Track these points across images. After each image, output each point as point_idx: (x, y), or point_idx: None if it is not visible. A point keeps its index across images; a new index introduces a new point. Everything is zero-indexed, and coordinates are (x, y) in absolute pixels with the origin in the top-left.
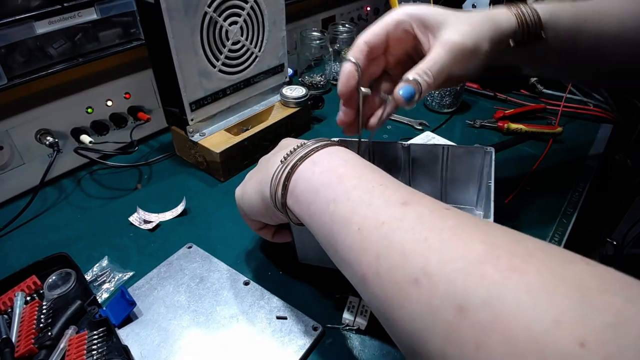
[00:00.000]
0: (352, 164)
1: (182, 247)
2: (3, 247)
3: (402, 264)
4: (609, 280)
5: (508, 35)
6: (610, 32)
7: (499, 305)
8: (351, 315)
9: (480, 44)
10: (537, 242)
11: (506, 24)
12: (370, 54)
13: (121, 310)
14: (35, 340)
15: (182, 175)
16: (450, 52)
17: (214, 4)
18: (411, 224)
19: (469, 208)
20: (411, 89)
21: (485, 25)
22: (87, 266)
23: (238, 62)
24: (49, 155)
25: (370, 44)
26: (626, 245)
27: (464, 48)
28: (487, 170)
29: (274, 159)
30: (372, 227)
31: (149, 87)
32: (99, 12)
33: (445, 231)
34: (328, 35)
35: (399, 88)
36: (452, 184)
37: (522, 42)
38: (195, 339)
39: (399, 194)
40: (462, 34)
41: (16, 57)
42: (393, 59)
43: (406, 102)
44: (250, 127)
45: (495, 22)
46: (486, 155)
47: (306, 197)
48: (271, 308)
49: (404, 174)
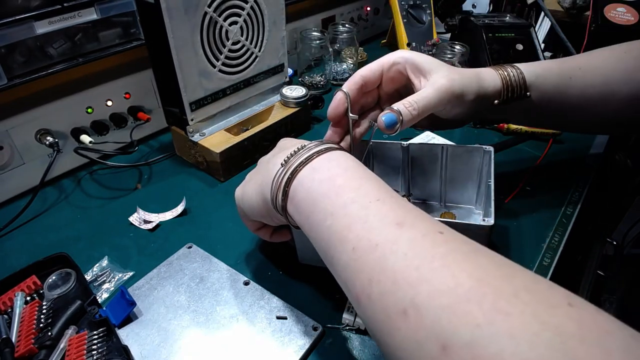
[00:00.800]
0: (351, 173)
1: (182, 247)
2: (3, 247)
3: (393, 291)
4: (588, 327)
5: (492, 94)
6: (596, 88)
7: (480, 348)
8: (351, 315)
9: (466, 92)
10: (525, 278)
11: (491, 84)
12: (364, 87)
13: (121, 310)
14: (35, 340)
15: (182, 175)
16: (438, 92)
17: (214, 4)
18: (404, 249)
19: (468, 207)
20: (393, 117)
21: (473, 79)
22: (87, 266)
23: (238, 62)
24: (49, 155)
25: (365, 78)
26: (626, 245)
27: (451, 92)
28: (486, 169)
29: (275, 161)
30: (366, 249)
31: (149, 87)
32: (99, 12)
33: (435, 259)
34: (328, 36)
35: (383, 114)
36: (451, 183)
37: (507, 100)
38: (195, 339)
39: (394, 213)
40: (451, 80)
41: (16, 57)
42: (385, 94)
43: (386, 128)
44: (250, 127)
45: (481, 80)
46: (485, 155)
47: (305, 207)
48: (271, 308)
49: (404, 173)
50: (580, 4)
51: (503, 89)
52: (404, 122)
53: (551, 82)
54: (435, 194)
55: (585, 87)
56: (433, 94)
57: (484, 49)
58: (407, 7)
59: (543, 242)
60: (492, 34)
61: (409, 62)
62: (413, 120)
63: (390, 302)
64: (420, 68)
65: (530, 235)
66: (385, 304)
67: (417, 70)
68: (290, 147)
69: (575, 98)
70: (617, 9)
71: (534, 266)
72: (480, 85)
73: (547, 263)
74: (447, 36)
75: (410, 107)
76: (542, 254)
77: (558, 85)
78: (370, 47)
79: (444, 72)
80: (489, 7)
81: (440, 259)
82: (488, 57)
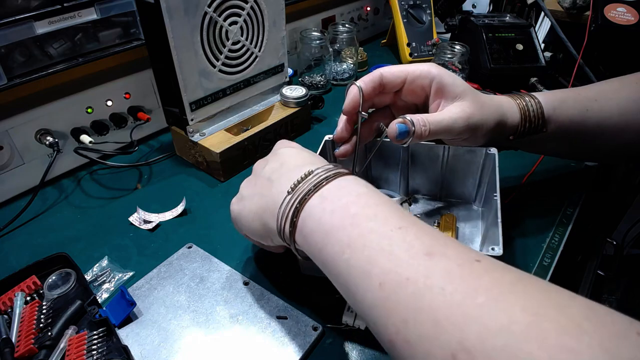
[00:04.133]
0: (365, 200)
1: (182, 247)
2: (3, 247)
3: (435, 334)
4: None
5: (509, 130)
6: (613, 119)
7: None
8: (351, 315)
9: (482, 127)
10: (581, 305)
11: (509, 120)
12: (381, 88)
13: (121, 310)
14: (35, 340)
15: (182, 175)
16: (453, 122)
17: (214, 4)
18: (440, 282)
19: (466, 204)
20: (406, 129)
21: (493, 114)
22: (87, 266)
23: (238, 62)
24: (49, 155)
25: (386, 80)
26: (626, 245)
27: (466, 125)
28: (488, 169)
29: (279, 186)
30: (395, 285)
31: (149, 87)
32: (99, 12)
33: (480, 293)
34: (328, 36)
35: (397, 122)
36: (451, 179)
37: (523, 134)
38: (195, 339)
39: (421, 242)
40: (470, 115)
41: (16, 57)
42: (401, 101)
43: (396, 138)
44: (250, 127)
45: (501, 115)
46: (488, 157)
47: (317, 239)
48: (271, 308)
49: (403, 171)
50: (580, 4)
51: (521, 124)
52: (414, 138)
53: (568, 115)
54: (433, 190)
55: (602, 119)
56: (448, 122)
57: (484, 49)
58: (407, 7)
59: (543, 242)
60: (492, 34)
61: (436, 81)
62: (421, 138)
63: (434, 347)
64: (445, 91)
65: (530, 236)
66: (428, 349)
67: (441, 91)
68: (293, 166)
69: (591, 130)
70: (617, 9)
71: (534, 266)
72: (498, 122)
73: (547, 263)
74: (447, 36)
75: (424, 127)
76: (542, 254)
77: (575, 117)
78: (370, 47)
79: (467, 103)
80: (488, 7)
81: (485, 293)
82: (488, 57)
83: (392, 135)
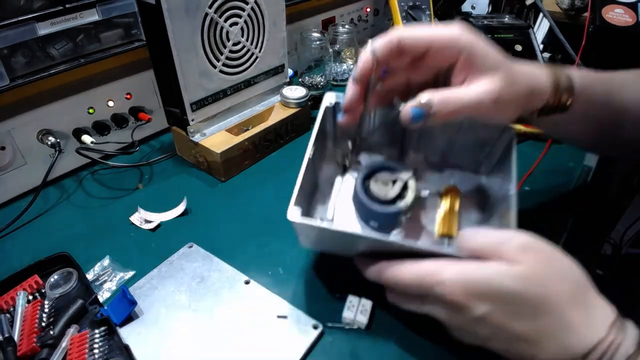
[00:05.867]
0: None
1: (183, 246)
2: (5, 246)
3: None
4: None
5: (537, 105)
6: (632, 105)
7: None
8: (351, 314)
9: (510, 104)
10: None
11: (540, 96)
12: (398, 53)
13: (122, 309)
14: (37, 339)
15: (183, 175)
16: (480, 100)
17: (214, 5)
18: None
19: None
20: (422, 112)
21: (525, 89)
22: (88, 266)
23: (238, 63)
24: (51, 155)
25: (405, 46)
26: (624, 244)
27: (494, 104)
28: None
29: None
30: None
31: (150, 88)
32: (100, 13)
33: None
34: (328, 36)
35: (412, 106)
36: (457, 150)
37: (548, 112)
38: (196, 338)
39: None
40: (501, 89)
41: (18, 58)
42: (420, 66)
43: (411, 121)
44: (250, 127)
45: (532, 91)
46: (505, 134)
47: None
48: (271, 307)
49: (405, 139)
50: (579, 5)
51: (550, 100)
52: (432, 120)
53: (595, 96)
54: (434, 160)
55: (624, 103)
56: (473, 102)
57: None
58: (406, 8)
59: None
60: (491, 34)
61: (465, 52)
62: (441, 118)
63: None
64: (474, 65)
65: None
66: None
67: (469, 65)
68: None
69: (611, 114)
70: (615, 10)
71: None
72: (528, 98)
73: None
74: None
75: (444, 108)
76: None
77: (600, 98)
78: None
79: (497, 78)
80: (488, 8)
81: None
82: None
83: (405, 118)
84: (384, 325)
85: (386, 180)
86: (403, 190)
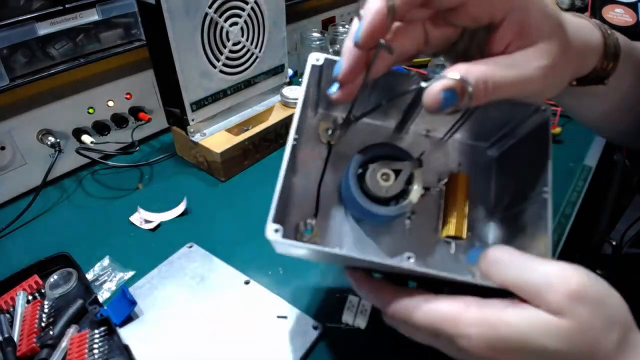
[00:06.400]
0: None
1: (183, 246)
2: (5, 246)
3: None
4: None
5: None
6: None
7: None
8: (351, 314)
9: (560, 79)
10: None
11: (589, 62)
12: (422, 3)
13: (122, 309)
14: (37, 339)
15: (183, 175)
16: (529, 77)
17: (214, 5)
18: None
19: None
20: (454, 96)
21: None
22: (88, 266)
23: (238, 63)
24: (51, 155)
25: None
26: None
27: (545, 79)
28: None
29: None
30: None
31: (149, 88)
32: (100, 13)
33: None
34: (328, 36)
35: (441, 87)
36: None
37: (585, 83)
38: (196, 338)
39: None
40: (555, 62)
41: (18, 58)
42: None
43: (439, 108)
44: (250, 127)
45: (584, 57)
46: (536, 115)
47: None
48: (271, 307)
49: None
50: (579, 4)
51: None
52: (466, 104)
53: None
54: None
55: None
56: (524, 78)
57: None
58: None
59: None
60: None
61: (516, 14)
62: (475, 101)
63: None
64: (525, 30)
65: None
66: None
67: (518, 29)
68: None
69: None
70: (615, 10)
71: None
72: (578, 68)
73: None
74: None
75: (485, 86)
76: None
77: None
78: None
79: (552, 48)
80: None
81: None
82: None
83: (431, 104)
84: (384, 325)
85: (386, 172)
86: (407, 184)
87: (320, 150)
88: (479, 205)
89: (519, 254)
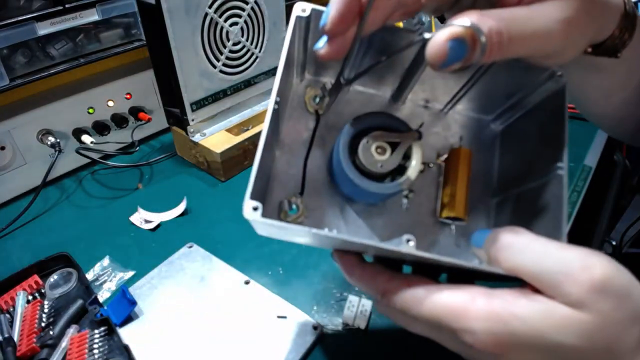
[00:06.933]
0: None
1: (183, 246)
2: (5, 246)
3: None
4: None
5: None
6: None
7: None
8: (351, 314)
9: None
10: None
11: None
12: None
13: (122, 309)
14: (37, 339)
15: (183, 175)
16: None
17: (214, 5)
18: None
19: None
20: (464, 48)
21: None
22: (88, 266)
23: (238, 63)
24: (51, 155)
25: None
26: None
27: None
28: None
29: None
30: None
31: (149, 88)
32: (100, 13)
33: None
34: None
35: (449, 36)
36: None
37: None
38: (196, 338)
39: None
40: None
41: (18, 58)
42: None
43: (444, 63)
44: (250, 127)
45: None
46: (551, 81)
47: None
48: (271, 307)
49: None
50: None
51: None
52: (478, 58)
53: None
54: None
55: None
56: (543, 31)
57: None
58: None
59: None
60: None
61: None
62: (489, 58)
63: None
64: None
65: None
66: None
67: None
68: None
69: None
70: None
71: None
72: (599, 29)
73: None
74: None
75: (500, 38)
76: None
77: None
78: None
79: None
80: None
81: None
82: None
83: (435, 58)
84: (384, 325)
85: (381, 144)
86: (404, 158)
87: (307, 120)
88: (482, 184)
89: (534, 238)
